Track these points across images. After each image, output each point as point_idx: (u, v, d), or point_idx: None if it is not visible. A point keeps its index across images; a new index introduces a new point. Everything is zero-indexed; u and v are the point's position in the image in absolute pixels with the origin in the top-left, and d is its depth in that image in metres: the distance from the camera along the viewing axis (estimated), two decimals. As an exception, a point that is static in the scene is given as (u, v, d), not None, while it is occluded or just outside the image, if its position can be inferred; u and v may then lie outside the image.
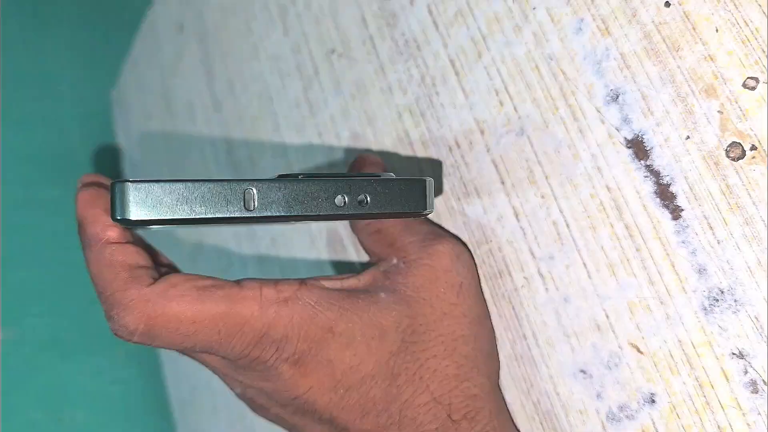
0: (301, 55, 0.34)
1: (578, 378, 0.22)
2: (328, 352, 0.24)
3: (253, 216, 0.21)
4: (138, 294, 0.23)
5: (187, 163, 0.48)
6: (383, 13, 0.29)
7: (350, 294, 0.25)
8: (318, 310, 0.24)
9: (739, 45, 0.18)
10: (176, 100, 0.49)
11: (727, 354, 0.19)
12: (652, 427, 0.20)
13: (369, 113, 0.30)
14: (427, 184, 0.22)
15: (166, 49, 0.50)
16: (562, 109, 0.22)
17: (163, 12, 0.50)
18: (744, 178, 0.18)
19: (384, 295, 0.25)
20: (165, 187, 0.20)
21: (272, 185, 0.21)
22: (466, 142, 0.25)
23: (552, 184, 0.23)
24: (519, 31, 0.23)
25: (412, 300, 0.24)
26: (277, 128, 0.37)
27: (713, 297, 0.19)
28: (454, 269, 0.25)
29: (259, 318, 0.23)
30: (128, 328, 0.23)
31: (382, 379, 0.24)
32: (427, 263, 0.25)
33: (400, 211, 0.22)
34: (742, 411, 0.18)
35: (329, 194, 0.21)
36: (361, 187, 0.21)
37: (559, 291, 0.23)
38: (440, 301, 0.25)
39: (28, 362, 0.55)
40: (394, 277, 0.25)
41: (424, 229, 0.26)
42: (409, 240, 0.26)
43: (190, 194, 0.20)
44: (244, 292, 0.23)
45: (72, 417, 0.55)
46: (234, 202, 0.20)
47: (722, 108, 0.18)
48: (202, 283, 0.23)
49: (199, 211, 0.20)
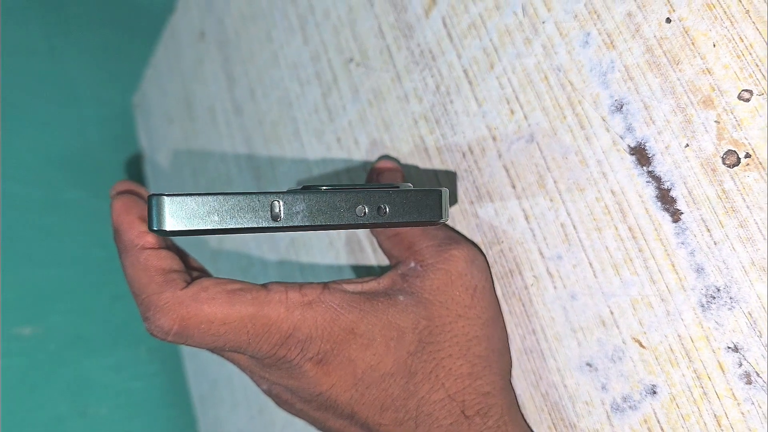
0: (320, 63, 0.36)
1: (584, 371, 0.24)
2: (349, 352, 0.25)
3: (280, 226, 0.22)
4: (172, 297, 0.25)
5: (209, 165, 0.49)
6: (400, 24, 0.30)
7: (370, 297, 0.26)
8: (340, 312, 0.25)
9: (734, 59, 0.19)
10: (197, 104, 0.50)
11: (723, 348, 0.20)
12: (653, 417, 0.22)
13: (386, 119, 0.31)
14: (442, 194, 0.23)
15: (188, 55, 0.51)
16: (570, 117, 0.23)
17: (184, 19, 0.52)
18: (739, 184, 0.19)
19: (402, 297, 0.26)
20: (198, 200, 0.21)
21: (297, 197, 0.22)
22: (479, 148, 0.27)
23: (560, 189, 0.24)
24: (529, 43, 0.25)
25: (428, 303, 0.26)
26: (296, 133, 0.38)
27: (710, 294, 0.20)
28: (469, 273, 0.26)
29: (285, 320, 0.25)
30: (163, 328, 0.25)
31: (400, 376, 0.25)
32: (443, 267, 0.26)
33: (417, 220, 0.23)
34: (737, 401, 0.20)
35: (350, 205, 0.22)
36: (380, 198, 0.23)
37: (567, 289, 0.24)
38: (455, 303, 0.26)
39: (53, 358, 0.57)
40: (412, 280, 0.26)
41: (441, 234, 0.27)
42: (426, 244, 0.27)
43: (221, 206, 0.22)
44: (271, 296, 0.25)
45: (96, 411, 0.56)
46: (262, 214, 0.22)
47: (719, 118, 0.19)
48: (231, 286, 0.25)
49: (230, 222, 0.22)
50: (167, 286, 0.25)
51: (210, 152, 0.49)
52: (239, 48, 0.44)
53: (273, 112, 0.40)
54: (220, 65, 0.46)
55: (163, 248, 0.26)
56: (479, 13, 0.26)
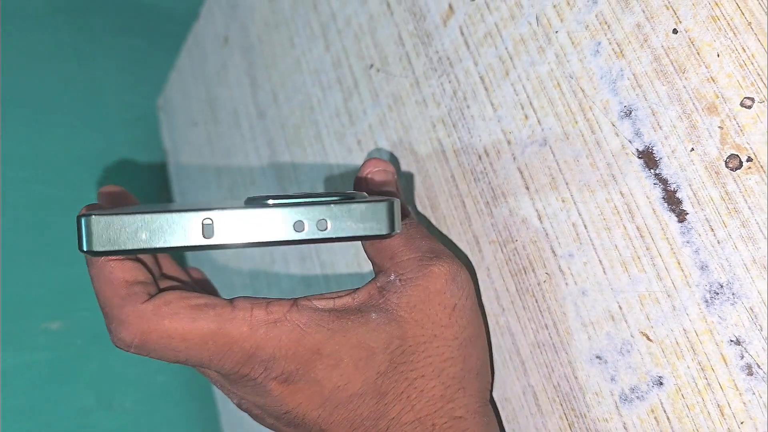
0: (341, 68, 0.37)
1: (594, 363, 0.25)
2: (315, 373, 0.24)
3: (212, 244, 0.20)
4: (133, 311, 0.24)
5: (232, 167, 0.51)
6: (418, 32, 0.32)
7: (341, 315, 0.25)
8: (306, 332, 0.24)
9: (737, 69, 0.20)
10: (221, 108, 0.52)
11: (725, 341, 0.21)
12: (660, 407, 0.23)
13: (405, 123, 0.33)
14: (391, 205, 0.21)
15: (212, 60, 0.53)
16: (581, 122, 0.25)
17: (209, 25, 0.53)
18: (741, 186, 0.20)
19: (375, 315, 0.25)
20: (125, 219, 0.20)
21: (229, 213, 0.20)
22: (494, 151, 0.28)
23: (571, 190, 0.25)
24: (543, 51, 0.26)
25: (403, 321, 0.25)
26: (318, 136, 0.40)
27: (714, 290, 0.21)
28: (448, 291, 0.26)
29: (247, 338, 0.24)
30: (125, 341, 0.24)
31: (370, 397, 0.25)
32: (421, 284, 0.25)
33: (364, 234, 0.21)
34: (739, 391, 0.21)
35: (288, 220, 0.21)
36: (321, 212, 0.21)
37: (578, 285, 0.25)
38: (431, 323, 0.25)
39: (79, 352, 0.59)
40: (389, 295, 0.26)
41: (425, 246, 0.27)
42: (408, 257, 0.26)
43: (150, 225, 0.20)
44: (235, 312, 0.24)
45: (120, 404, 0.58)
46: (193, 232, 0.20)
47: (722, 124, 0.21)
48: (195, 301, 0.24)
49: (159, 241, 0.20)
50: (129, 299, 0.25)
51: (233, 154, 0.51)
52: (262, 54, 0.45)
53: (295, 115, 0.42)
54: (244, 70, 0.48)
55: (129, 259, 0.26)
56: (495, 22, 0.28)
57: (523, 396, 0.28)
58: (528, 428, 0.28)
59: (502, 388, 0.29)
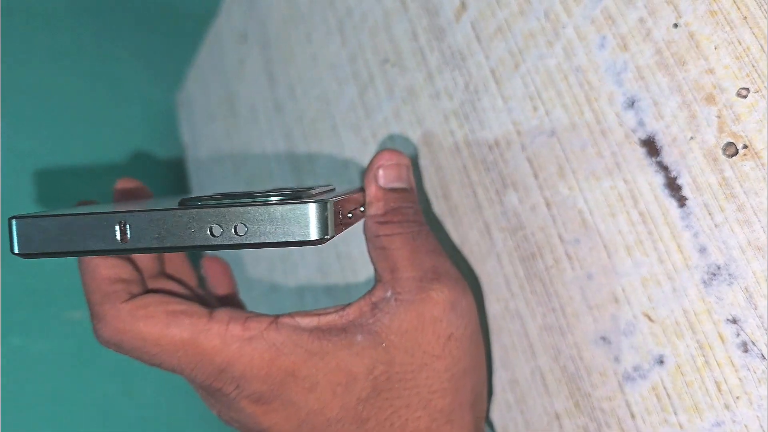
0: (357, 63, 0.38)
1: (599, 344, 0.26)
2: (290, 395, 0.24)
3: (128, 248, 0.20)
4: (111, 309, 0.24)
5: (249, 161, 0.52)
6: (432, 27, 0.33)
7: (323, 334, 0.24)
8: (282, 352, 0.23)
9: (734, 60, 0.21)
10: (239, 102, 0.53)
11: (723, 320, 0.22)
12: (660, 384, 0.24)
13: (419, 116, 0.34)
14: (313, 208, 0.19)
15: (230, 56, 0.55)
16: (587, 113, 0.26)
17: (227, 22, 0.55)
18: (737, 172, 0.21)
19: (361, 337, 0.24)
20: (49, 222, 0.20)
21: (143, 216, 0.20)
22: (504, 141, 0.29)
23: (578, 178, 0.26)
24: (551, 45, 0.27)
25: (391, 346, 0.24)
26: (334, 129, 0.41)
27: (711, 272, 0.22)
28: (444, 319, 0.24)
29: (219, 352, 0.23)
30: (103, 338, 0.24)
31: (349, 422, 0.24)
32: (416, 309, 0.24)
33: (283, 240, 0.19)
34: (735, 368, 0.22)
35: (202, 225, 0.19)
36: (235, 216, 0.19)
37: (583, 269, 0.26)
38: (422, 352, 0.24)
39: (102, 340, 0.61)
40: (381, 315, 0.24)
41: (428, 263, 0.25)
42: (408, 275, 0.25)
43: (70, 227, 0.20)
44: (210, 324, 0.24)
45: (142, 392, 0.60)
46: (108, 235, 0.20)
47: (720, 113, 0.22)
48: (173, 307, 0.24)
49: (78, 244, 0.20)
50: (108, 297, 0.25)
51: (251, 148, 0.52)
52: (280, 49, 0.47)
53: (312, 109, 0.43)
54: (262, 66, 0.49)
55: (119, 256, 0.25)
56: (505, 18, 0.29)
57: (531, 378, 0.29)
58: (536, 408, 0.29)
59: (511, 371, 0.30)
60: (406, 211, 0.27)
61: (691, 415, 0.23)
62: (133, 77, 0.69)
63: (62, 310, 0.60)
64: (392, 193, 0.28)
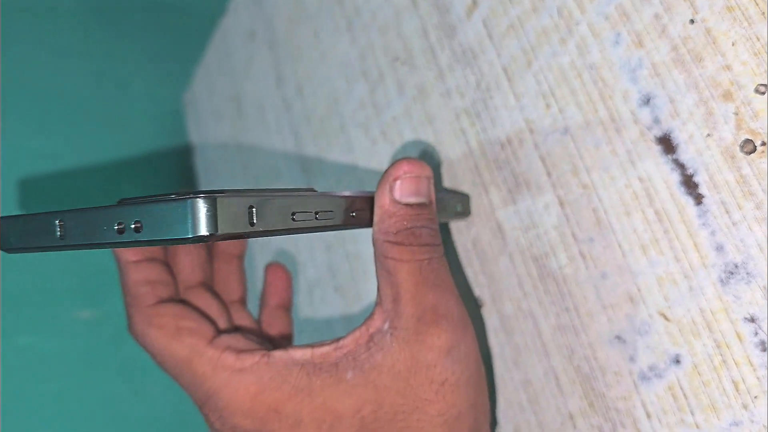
0: (366, 62, 0.38)
1: (614, 344, 0.26)
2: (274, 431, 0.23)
3: (66, 245, 0.20)
4: (135, 311, 0.26)
5: (258, 159, 0.52)
6: (443, 25, 0.33)
7: (312, 371, 0.23)
8: (268, 387, 0.23)
9: (751, 57, 0.21)
10: (247, 101, 0.53)
11: (740, 319, 0.22)
12: (677, 384, 0.24)
13: (429, 114, 0.34)
14: (192, 204, 0.18)
15: (238, 55, 0.54)
16: (602, 111, 0.26)
17: (235, 21, 0.55)
18: (755, 169, 0.21)
19: (351, 374, 0.23)
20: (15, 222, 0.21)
21: (73, 216, 0.20)
22: (517, 139, 0.29)
23: (592, 176, 0.26)
24: (564, 43, 0.27)
25: (382, 386, 0.23)
26: (343, 127, 0.41)
27: (729, 271, 0.22)
28: (439, 365, 0.23)
29: (208, 379, 0.24)
30: (133, 335, 0.26)
31: None
32: (410, 350, 0.23)
33: (167, 238, 0.19)
34: (753, 367, 0.22)
35: (110, 222, 0.19)
36: (135, 213, 0.19)
37: (598, 269, 0.26)
38: (414, 395, 0.23)
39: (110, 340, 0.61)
40: (375, 350, 0.23)
41: (430, 300, 0.24)
42: (408, 311, 0.24)
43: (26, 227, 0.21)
44: (207, 349, 0.24)
45: (150, 390, 0.60)
46: (50, 233, 0.20)
47: (737, 110, 0.21)
48: (184, 323, 0.25)
49: (32, 242, 0.21)
50: (136, 299, 0.26)
51: (259, 147, 0.52)
52: (288, 48, 0.47)
53: (320, 108, 0.43)
54: (270, 64, 0.49)
55: (147, 260, 0.26)
56: (517, 15, 0.29)
57: (544, 378, 0.29)
58: (549, 409, 0.29)
59: (524, 371, 0.30)
60: (420, 232, 0.24)
61: (708, 415, 0.23)
62: (141, 76, 0.69)
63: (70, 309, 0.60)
64: (408, 209, 0.24)
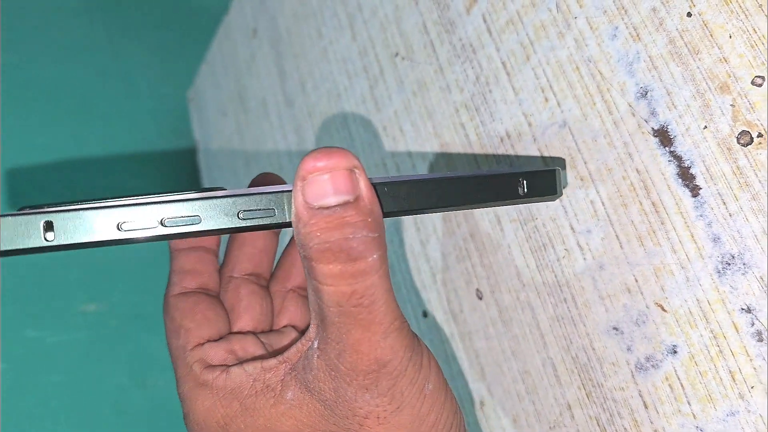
0: (367, 57, 0.39)
1: (611, 334, 0.26)
2: None
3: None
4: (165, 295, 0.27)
5: (260, 155, 0.53)
6: (442, 20, 0.33)
7: (259, 390, 0.23)
8: (220, 404, 0.23)
9: (748, 49, 0.21)
10: (250, 98, 0.54)
11: (737, 309, 0.22)
12: (674, 374, 0.24)
13: (429, 108, 0.34)
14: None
15: (241, 51, 0.55)
16: (599, 104, 0.26)
17: (238, 18, 0.55)
18: (752, 161, 0.21)
19: (291, 395, 0.22)
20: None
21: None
22: (516, 133, 0.29)
23: (590, 168, 0.26)
24: (562, 37, 0.27)
25: (314, 411, 0.22)
26: (344, 123, 0.41)
27: (725, 261, 0.22)
28: (360, 400, 0.21)
29: (180, 384, 0.24)
30: None
31: None
32: (333, 382, 0.21)
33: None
34: (749, 357, 0.22)
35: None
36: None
37: (595, 260, 0.26)
38: (343, 425, 0.22)
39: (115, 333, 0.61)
40: (308, 370, 0.22)
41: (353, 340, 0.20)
42: (331, 344, 0.21)
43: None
44: (188, 353, 0.24)
45: (154, 382, 0.61)
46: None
47: (734, 102, 0.22)
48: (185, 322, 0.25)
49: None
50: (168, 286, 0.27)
51: (262, 143, 0.52)
52: (291, 44, 0.47)
53: (322, 103, 0.43)
54: (273, 61, 0.49)
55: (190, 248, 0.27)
56: (516, 10, 0.29)
57: (542, 368, 0.29)
58: (547, 399, 0.29)
59: (522, 361, 0.30)
60: (346, 243, 0.19)
61: (705, 405, 0.23)
62: (146, 73, 0.69)
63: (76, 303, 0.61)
64: (325, 217, 0.19)
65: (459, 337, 0.34)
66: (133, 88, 0.69)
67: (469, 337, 0.33)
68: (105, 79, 0.67)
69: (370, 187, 0.20)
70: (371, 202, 0.19)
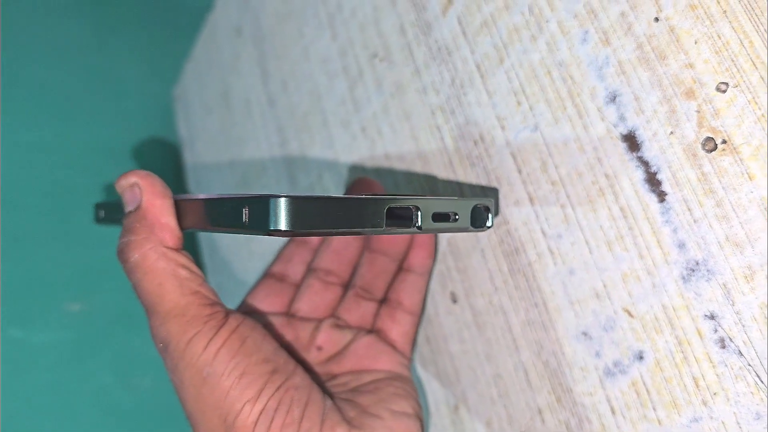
0: (347, 58, 0.38)
1: (581, 340, 0.26)
2: None
3: None
4: None
5: (244, 154, 0.53)
6: (419, 22, 0.33)
7: None
8: None
9: (713, 55, 0.21)
10: (234, 97, 0.54)
11: (701, 316, 0.22)
12: (640, 380, 0.24)
13: (406, 110, 0.34)
14: None
15: (225, 50, 0.55)
16: (570, 108, 0.26)
17: (222, 17, 0.55)
18: (716, 167, 0.21)
19: None
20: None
21: None
22: (489, 136, 0.29)
23: (560, 173, 0.26)
24: (534, 40, 0.27)
25: None
26: (325, 123, 0.41)
27: (690, 268, 0.22)
28: None
29: None
30: None
31: None
32: None
33: None
34: (713, 364, 0.22)
35: None
36: None
37: (565, 265, 0.26)
38: None
39: (100, 333, 0.61)
40: None
41: None
42: None
43: None
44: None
45: (139, 383, 0.60)
46: None
47: (699, 108, 0.22)
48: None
49: None
50: None
51: (245, 142, 0.52)
52: (273, 44, 0.47)
53: (304, 103, 0.43)
54: (256, 60, 0.49)
55: None
56: (490, 12, 0.29)
57: (514, 372, 0.29)
58: (519, 403, 0.29)
59: (495, 365, 0.30)
60: (121, 247, 0.29)
61: (670, 411, 0.23)
62: (131, 71, 0.69)
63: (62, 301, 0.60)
64: None
65: (434, 340, 0.34)
66: (119, 86, 0.69)
67: (444, 341, 0.33)
68: (89, 77, 0.67)
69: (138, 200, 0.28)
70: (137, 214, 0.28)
